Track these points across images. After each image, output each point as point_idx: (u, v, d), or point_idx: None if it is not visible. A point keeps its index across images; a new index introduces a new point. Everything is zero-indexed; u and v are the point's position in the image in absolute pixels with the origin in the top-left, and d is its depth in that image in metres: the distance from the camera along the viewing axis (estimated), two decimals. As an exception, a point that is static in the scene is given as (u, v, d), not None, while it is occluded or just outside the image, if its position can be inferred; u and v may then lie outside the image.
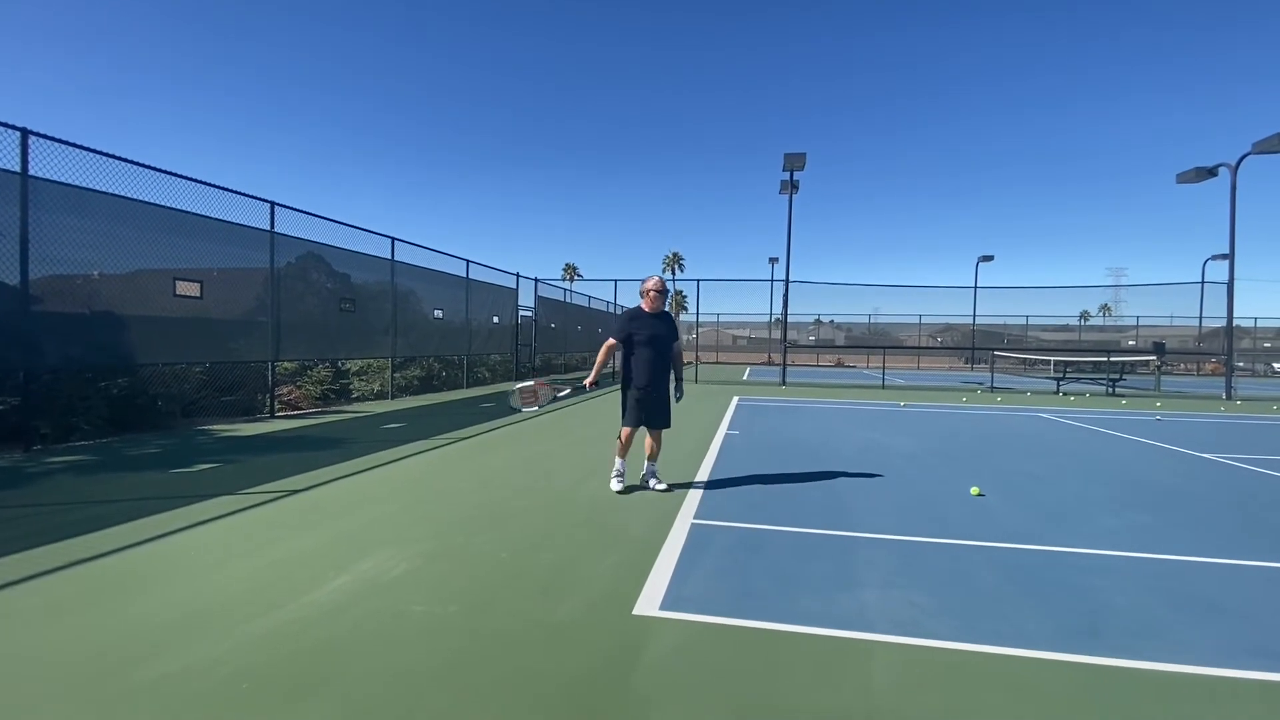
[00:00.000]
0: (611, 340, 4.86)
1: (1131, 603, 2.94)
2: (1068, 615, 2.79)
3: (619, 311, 5.29)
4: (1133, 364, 20.70)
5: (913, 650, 2.46)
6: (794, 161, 17.59)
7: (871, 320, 33.15)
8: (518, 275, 17.80)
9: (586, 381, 4.85)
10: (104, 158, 6.49)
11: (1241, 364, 28.33)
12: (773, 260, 43.61)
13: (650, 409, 4.83)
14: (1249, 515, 4.63)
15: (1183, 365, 31.46)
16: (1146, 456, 7.10)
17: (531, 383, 4.98)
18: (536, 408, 5.05)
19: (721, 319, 40.53)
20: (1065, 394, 16.54)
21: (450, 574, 3.16)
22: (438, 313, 13.56)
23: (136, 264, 6.99)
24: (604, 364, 4.87)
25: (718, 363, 34.69)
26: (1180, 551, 3.72)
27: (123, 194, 6.72)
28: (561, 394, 5.05)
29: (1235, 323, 16.83)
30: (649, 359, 4.75)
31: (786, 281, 18.63)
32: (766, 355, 37.05)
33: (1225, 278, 16.22)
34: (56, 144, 6.07)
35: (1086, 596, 3.00)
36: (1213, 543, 3.91)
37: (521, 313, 18.34)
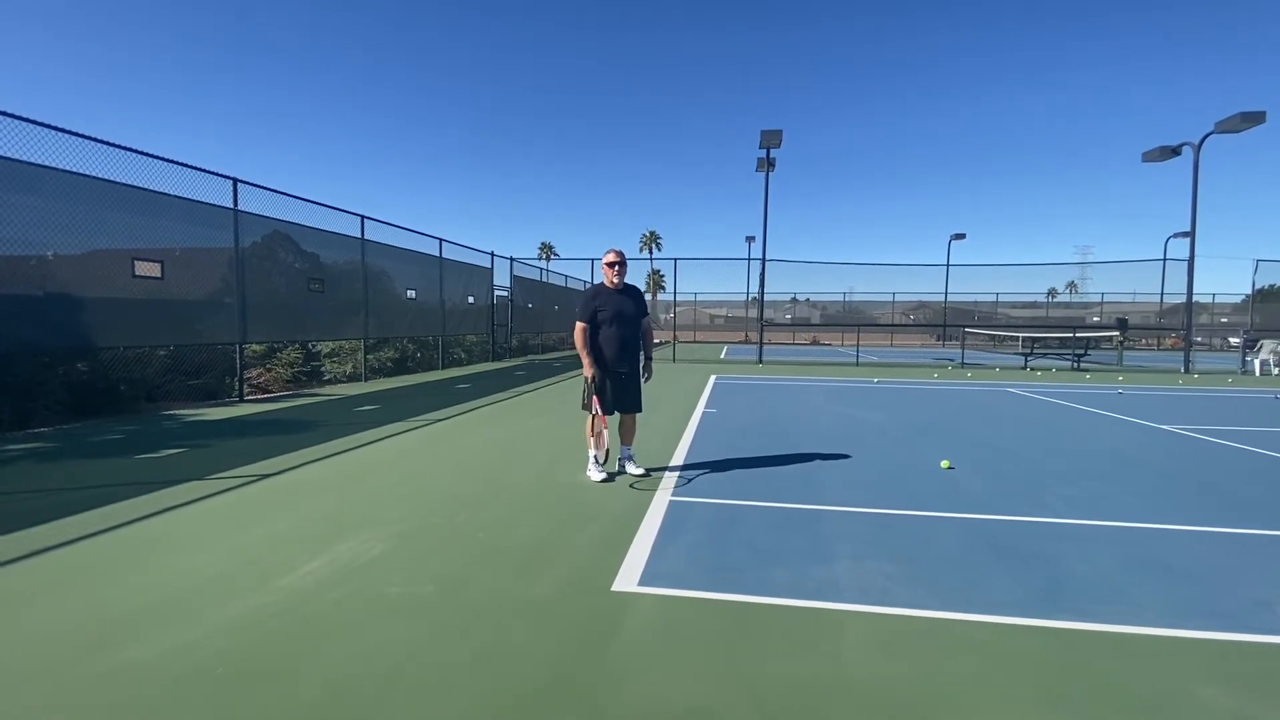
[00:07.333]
0: (581, 324, 4.58)
1: (1092, 568, 3.05)
2: (1032, 581, 2.88)
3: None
4: (1097, 340, 21.26)
5: (884, 619, 2.52)
6: (771, 139, 17.53)
7: (846, 299, 33.49)
8: (492, 254, 17.54)
9: (586, 374, 4.57)
10: (54, 132, 6.20)
11: (1200, 339, 29.27)
12: (749, 239, 43.81)
13: (618, 392, 4.61)
14: (1203, 483, 4.82)
15: (1144, 340, 32.42)
16: (1109, 428, 7.33)
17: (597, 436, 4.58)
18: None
19: (699, 298, 40.60)
20: (1033, 369, 16.95)
21: (427, 554, 3.15)
22: (411, 293, 13.32)
23: (92, 244, 6.71)
24: (586, 347, 4.58)
25: (695, 341, 34.81)
26: (1138, 519, 3.86)
27: (76, 170, 6.43)
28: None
29: (1195, 299, 17.35)
30: (614, 336, 4.53)
31: (764, 260, 18.68)
32: (744, 334, 37.23)
33: (1186, 255, 16.71)
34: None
35: (1050, 563, 3.11)
36: (1169, 510, 4.07)
37: (497, 292, 18.11)
